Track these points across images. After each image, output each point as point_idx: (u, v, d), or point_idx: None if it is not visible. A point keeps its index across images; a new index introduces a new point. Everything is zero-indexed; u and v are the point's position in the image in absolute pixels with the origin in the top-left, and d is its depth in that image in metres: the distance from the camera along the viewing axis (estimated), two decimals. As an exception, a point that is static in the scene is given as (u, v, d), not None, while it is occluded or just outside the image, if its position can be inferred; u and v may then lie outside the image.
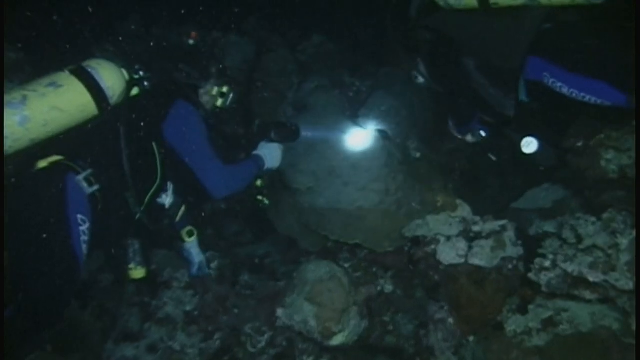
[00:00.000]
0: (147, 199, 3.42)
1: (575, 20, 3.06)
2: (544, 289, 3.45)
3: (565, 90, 3.11)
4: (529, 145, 3.58)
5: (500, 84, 3.44)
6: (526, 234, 3.99)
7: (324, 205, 4.27)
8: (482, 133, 3.93)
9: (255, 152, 4.02)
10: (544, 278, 3.45)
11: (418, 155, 4.45)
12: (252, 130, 4.54)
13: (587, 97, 3.03)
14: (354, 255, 4.33)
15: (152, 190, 3.43)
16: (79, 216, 2.98)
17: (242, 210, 5.44)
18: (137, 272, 3.70)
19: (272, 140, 4.09)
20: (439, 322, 3.88)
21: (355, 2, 6.09)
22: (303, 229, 4.39)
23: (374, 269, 4.23)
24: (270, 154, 4.05)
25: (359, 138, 4.34)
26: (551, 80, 3.16)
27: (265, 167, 4.01)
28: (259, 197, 4.22)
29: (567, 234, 3.63)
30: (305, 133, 4.22)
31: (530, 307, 3.57)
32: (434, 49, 3.71)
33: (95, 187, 3.09)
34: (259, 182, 4.16)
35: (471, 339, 3.77)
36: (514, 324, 3.59)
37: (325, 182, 4.34)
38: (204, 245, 4.35)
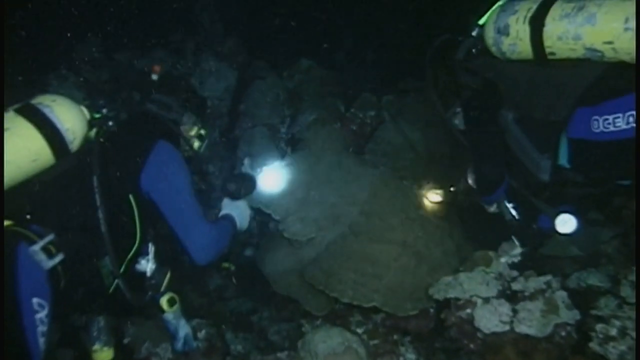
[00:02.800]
0: (124, 266, 2.71)
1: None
2: (615, 365, 2.85)
3: (621, 122, 2.52)
4: (566, 223, 2.94)
5: (539, 140, 2.94)
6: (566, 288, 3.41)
7: (330, 261, 3.67)
8: (513, 213, 3.33)
9: (225, 212, 3.32)
10: (613, 351, 2.86)
11: (437, 198, 3.84)
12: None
13: None
14: (368, 318, 3.69)
15: (130, 254, 2.73)
16: (35, 300, 2.29)
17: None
18: (103, 354, 3.04)
19: (238, 197, 3.38)
20: (473, 398, 3.28)
21: (346, 20, 5.55)
22: (306, 288, 3.73)
23: (395, 336, 3.58)
24: (241, 214, 3.35)
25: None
26: (602, 120, 2.58)
27: (237, 229, 3.31)
28: (225, 264, 3.49)
29: (626, 291, 3.11)
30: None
31: (589, 382, 2.99)
32: (475, 95, 3.17)
33: (58, 258, 2.39)
34: (227, 264, 3.50)
35: (513, 417, 3.16)
36: (569, 401, 3.01)
37: (330, 233, 3.76)
38: (187, 310, 3.63)
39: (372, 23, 5.93)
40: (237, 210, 3.30)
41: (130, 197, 2.75)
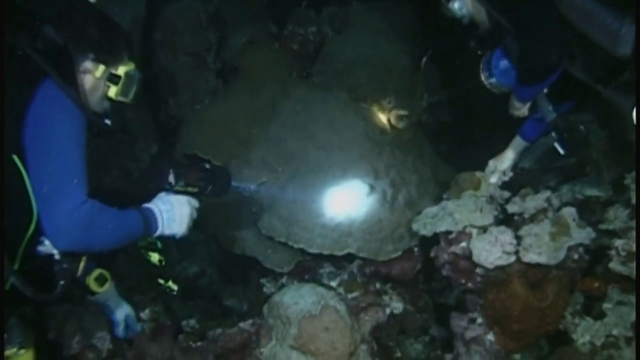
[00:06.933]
0: (20, 252, 2.03)
1: None
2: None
3: None
4: None
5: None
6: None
7: (290, 206, 3.13)
8: (553, 113, 2.63)
9: (147, 205, 2.44)
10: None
11: (401, 118, 3.30)
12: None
13: None
14: (341, 267, 3.17)
15: (27, 236, 2.02)
16: None
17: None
18: (21, 359, 2.36)
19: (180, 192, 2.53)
20: (472, 342, 2.90)
21: None
22: (263, 242, 3.19)
23: (377, 285, 3.08)
24: (170, 212, 2.44)
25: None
26: None
27: (158, 231, 2.40)
28: (162, 280, 2.73)
29: (634, 197, 2.74)
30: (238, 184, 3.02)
31: (607, 305, 2.65)
32: None
33: None
34: (155, 257, 2.80)
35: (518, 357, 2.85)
36: (587, 332, 2.67)
37: (284, 174, 3.21)
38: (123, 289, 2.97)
39: None
40: (166, 207, 2.43)
41: (15, 158, 2.00)
